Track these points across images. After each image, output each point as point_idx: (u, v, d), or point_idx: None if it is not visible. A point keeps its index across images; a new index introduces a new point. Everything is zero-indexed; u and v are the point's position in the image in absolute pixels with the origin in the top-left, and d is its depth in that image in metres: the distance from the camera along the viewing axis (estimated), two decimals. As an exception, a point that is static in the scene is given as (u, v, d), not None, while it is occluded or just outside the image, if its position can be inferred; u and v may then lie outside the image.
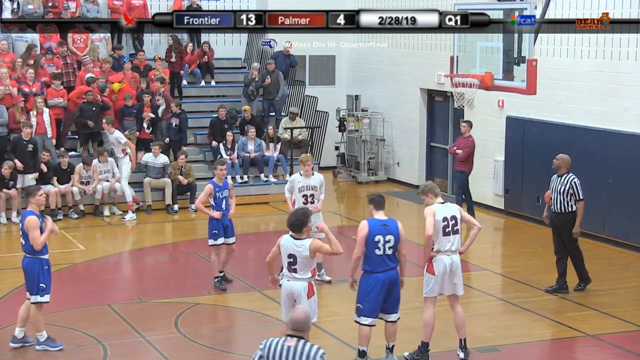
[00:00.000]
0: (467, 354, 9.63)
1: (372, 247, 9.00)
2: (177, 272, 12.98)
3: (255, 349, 6.17)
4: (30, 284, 9.71)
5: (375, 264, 9.02)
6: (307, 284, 8.74)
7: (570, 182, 11.87)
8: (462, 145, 16.48)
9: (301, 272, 8.68)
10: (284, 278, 8.88)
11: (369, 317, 9.08)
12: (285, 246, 8.69)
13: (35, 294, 9.69)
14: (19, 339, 9.95)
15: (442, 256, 9.42)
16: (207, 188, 12.08)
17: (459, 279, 9.53)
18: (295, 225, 8.65)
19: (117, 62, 19.06)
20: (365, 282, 9.09)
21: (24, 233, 9.61)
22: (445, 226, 9.40)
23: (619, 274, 13.36)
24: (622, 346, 10.24)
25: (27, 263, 9.71)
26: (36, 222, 9.53)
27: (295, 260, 8.65)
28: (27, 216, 9.64)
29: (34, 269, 9.65)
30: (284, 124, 19.82)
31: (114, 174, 16.99)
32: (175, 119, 18.13)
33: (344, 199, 19.90)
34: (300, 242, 8.65)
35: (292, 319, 6.15)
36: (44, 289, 9.68)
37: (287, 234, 8.77)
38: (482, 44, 14.77)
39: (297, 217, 8.69)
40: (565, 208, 11.93)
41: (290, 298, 8.79)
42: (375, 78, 21.45)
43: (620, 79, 14.78)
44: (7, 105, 16.98)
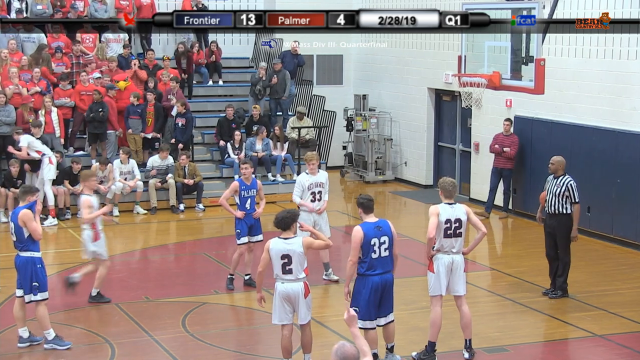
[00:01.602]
0: (472, 355, 9.61)
1: (368, 251, 8.90)
2: (184, 271, 13.00)
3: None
4: (24, 283, 9.69)
5: (371, 267, 8.91)
6: (303, 284, 8.72)
7: (567, 185, 11.67)
8: (508, 143, 16.70)
9: (297, 273, 8.64)
10: (277, 282, 8.75)
11: (365, 321, 8.94)
12: (276, 249, 8.64)
13: (29, 293, 9.67)
14: (25, 338, 9.95)
15: (442, 255, 9.40)
16: (233, 184, 12.07)
17: (460, 279, 9.48)
18: (283, 224, 8.66)
19: (125, 61, 19.11)
20: (359, 286, 8.96)
21: (17, 228, 9.55)
22: (447, 228, 9.38)
23: (627, 274, 13.32)
24: (630, 346, 10.20)
25: (20, 262, 9.69)
26: (31, 215, 9.52)
27: (290, 259, 8.61)
28: (20, 210, 9.58)
29: (26, 268, 9.63)
30: (291, 124, 19.83)
31: (135, 175, 17.10)
32: (182, 119, 18.15)
33: (351, 199, 19.89)
34: (290, 240, 8.66)
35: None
36: (38, 287, 9.65)
37: (274, 238, 8.73)
38: (490, 43, 14.76)
39: (283, 216, 8.70)
40: (559, 210, 11.70)
41: (287, 300, 8.72)
42: (383, 77, 21.45)
43: (629, 78, 14.74)
44: (15, 105, 17.04)
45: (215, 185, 18.22)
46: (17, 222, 9.55)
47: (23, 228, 9.53)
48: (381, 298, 8.95)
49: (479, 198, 18.13)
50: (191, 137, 18.53)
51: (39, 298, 9.71)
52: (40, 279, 9.68)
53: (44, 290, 9.72)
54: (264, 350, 9.85)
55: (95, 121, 17.47)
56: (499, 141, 16.94)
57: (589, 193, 15.44)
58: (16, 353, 9.83)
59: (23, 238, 9.59)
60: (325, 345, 9.77)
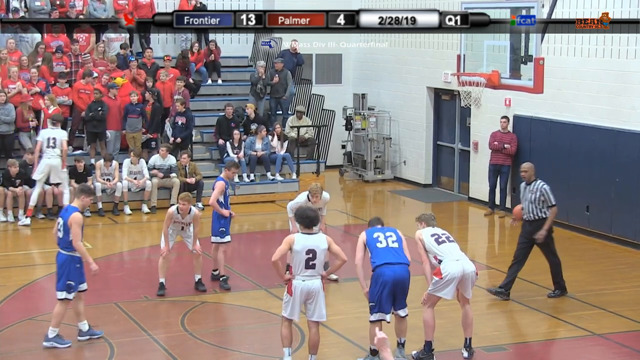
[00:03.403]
0: (471, 354, 9.62)
1: (373, 243, 9.12)
2: (183, 270, 12.99)
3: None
4: (58, 279, 9.80)
5: (381, 256, 9.04)
6: (321, 281, 8.88)
7: (540, 189, 11.57)
8: (508, 140, 16.75)
9: (319, 268, 8.82)
10: (297, 279, 8.84)
11: (377, 313, 9.05)
12: (301, 243, 8.75)
13: (62, 290, 9.77)
14: (85, 331, 10.05)
15: (449, 262, 9.34)
16: (220, 185, 12.12)
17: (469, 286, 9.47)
18: (310, 221, 8.82)
19: (124, 61, 19.09)
20: (373, 281, 9.09)
21: (65, 226, 9.65)
22: (437, 238, 9.49)
23: (626, 273, 13.32)
24: (629, 345, 10.22)
25: (61, 260, 9.79)
26: (80, 219, 9.63)
27: (315, 255, 8.75)
28: (72, 212, 9.69)
29: (64, 266, 9.74)
30: (290, 123, 19.82)
31: (144, 175, 17.15)
32: (181, 118, 18.14)
33: (350, 198, 19.90)
34: (316, 236, 8.84)
35: None
36: (72, 286, 9.77)
37: (298, 233, 8.87)
38: (489, 42, 14.77)
39: (309, 213, 8.87)
40: (538, 215, 11.59)
41: (306, 296, 8.85)
42: (382, 77, 21.45)
43: (628, 77, 14.74)
44: (15, 104, 17.04)
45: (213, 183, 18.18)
46: (67, 221, 9.65)
47: (70, 228, 9.63)
48: (395, 292, 9.03)
49: (478, 197, 18.15)
50: (190, 136, 18.50)
51: (71, 297, 9.81)
52: (75, 279, 9.77)
53: (76, 290, 9.82)
54: (262, 349, 9.86)
55: (95, 120, 17.45)
56: (498, 138, 16.96)
57: (588, 192, 15.47)
58: (16, 353, 9.84)
59: (68, 237, 9.68)
60: (326, 345, 9.79)
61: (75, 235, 9.60)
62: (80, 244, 9.66)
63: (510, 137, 16.83)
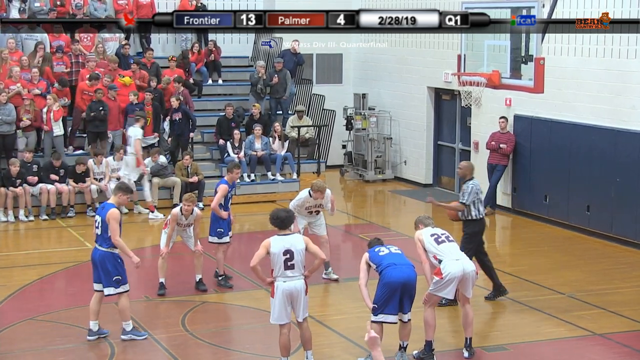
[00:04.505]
0: (471, 354, 9.62)
1: (376, 255, 9.17)
2: (183, 270, 13.00)
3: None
4: (103, 277, 9.84)
5: (386, 260, 9.06)
6: (304, 282, 8.83)
7: (463, 187, 11.23)
8: (505, 140, 16.82)
9: (298, 268, 8.75)
10: (279, 280, 8.80)
11: (379, 315, 9.01)
12: (277, 245, 8.73)
13: (108, 286, 9.84)
14: (95, 331, 10.08)
15: (449, 262, 9.34)
16: (223, 188, 12.16)
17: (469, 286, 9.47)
18: (282, 221, 8.81)
19: (125, 61, 19.08)
20: (382, 283, 9.05)
21: (103, 223, 9.71)
22: (436, 238, 9.50)
23: (626, 273, 13.32)
24: (629, 345, 10.22)
25: (99, 256, 9.83)
26: (118, 215, 9.74)
27: (292, 255, 8.71)
28: (109, 208, 9.75)
29: (106, 264, 9.80)
30: (291, 123, 19.83)
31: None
32: (177, 114, 18.11)
33: (351, 198, 19.91)
34: (292, 236, 8.84)
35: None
36: (120, 280, 9.86)
37: (273, 236, 8.84)
38: (490, 42, 14.74)
39: (286, 216, 8.87)
40: (472, 216, 11.20)
41: (289, 298, 8.78)
42: (382, 76, 21.45)
43: (629, 77, 14.74)
44: (16, 104, 17.04)
45: (215, 184, 18.15)
46: (105, 218, 9.71)
47: (108, 224, 9.69)
48: (403, 296, 9.01)
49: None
50: (190, 137, 18.47)
51: (121, 290, 9.90)
52: (122, 273, 9.87)
53: (125, 283, 9.92)
54: (263, 349, 9.86)
55: (96, 120, 17.43)
56: (496, 138, 16.99)
57: (589, 192, 15.47)
58: (16, 353, 9.84)
59: (107, 234, 9.73)
60: (326, 344, 9.80)
61: (114, 231, 9.67)
62: (119, 239, 9.73)
63: (508, 137, 16.87)
